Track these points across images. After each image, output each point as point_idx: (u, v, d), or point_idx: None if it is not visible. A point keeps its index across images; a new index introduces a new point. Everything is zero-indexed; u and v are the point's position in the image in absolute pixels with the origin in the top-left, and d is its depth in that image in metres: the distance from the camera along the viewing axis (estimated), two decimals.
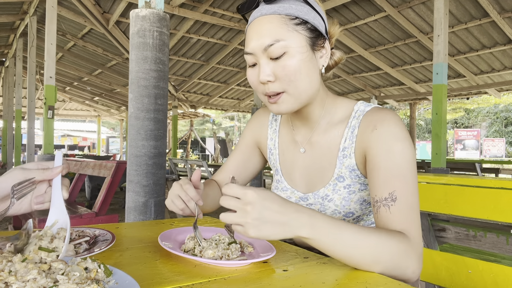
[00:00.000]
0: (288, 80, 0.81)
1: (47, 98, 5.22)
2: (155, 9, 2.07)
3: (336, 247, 0.68)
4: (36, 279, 0.47)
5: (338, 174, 0.90)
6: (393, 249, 0.70)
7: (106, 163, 3.13)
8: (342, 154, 0.90)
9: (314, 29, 0.83)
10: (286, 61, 0.80)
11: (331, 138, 0.92)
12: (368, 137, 0.84)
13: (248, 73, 0.86)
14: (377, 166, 0.81)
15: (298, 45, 0.80)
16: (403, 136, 0.81)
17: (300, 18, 0.81)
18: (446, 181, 1.21)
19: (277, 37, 0.79)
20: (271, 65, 0.81)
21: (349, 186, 0.90)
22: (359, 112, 0.90)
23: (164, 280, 0.62)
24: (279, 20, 0.80)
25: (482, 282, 1.11)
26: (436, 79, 4.32)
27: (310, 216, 0.67)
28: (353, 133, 0.88)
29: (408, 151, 0.80)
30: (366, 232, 0.70)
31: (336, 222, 0.69)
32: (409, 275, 0.72)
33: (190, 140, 16.60)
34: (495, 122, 24.05)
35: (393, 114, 0.85)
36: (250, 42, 0.82)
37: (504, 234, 1.11)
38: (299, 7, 0.81)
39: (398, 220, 0.76)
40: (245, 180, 1.14)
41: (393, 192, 0.77)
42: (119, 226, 1.03)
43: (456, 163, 6.31)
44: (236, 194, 0.65)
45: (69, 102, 16.32)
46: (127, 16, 6.79)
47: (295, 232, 0.66)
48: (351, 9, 6.56)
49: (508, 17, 6.01)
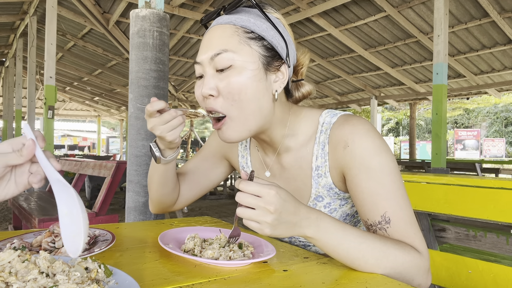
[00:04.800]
0: (232, 99, 0.74)
1: (47, 98, 5.22)
2: (155, 9, 2.07)
3: (339, 250, 0.68)
4: (37, 279, 0.47)
5: (316, 194, 0.86)
6: (398, 259, 0.69)
7: (106, 163, 3.13)
8: (316, 174, 0.84)
9: (271, 48, 0.76)
10: (231, 76, 0.73)
11: (301, 158, 0.86)
12: (341, 156, 0.79)
13: (195, 85, 0.80)
14: (359, 189, 0.76)
15: (247, 59, 0.73)
16: (378, 147, 0.76)
17: (255, 33, 0.75)
18: (446, 181, 1.21)
19: (225, 47, 0.73)
20: (216, 79, 0.75)
21: (329, 204, 0.86)
22: (325, 125, 0.84)
23: (164, 280, 0.62)
24: (232, 31, 0.75)
25: (482, 282, 1.11)
26: (436, 79, 4.32)
27: (318, 217, 0.68)
28: (323, 150, 0.83)
29: (387, 162, 0.76)
30: (372, 238, 0.70)
31: (342, 226, 0.69)
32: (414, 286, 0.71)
33: (190, 140, 16.60)
34: (495, 122, 24.05)
35: (363, 123, 0.79)
36: (200, 51, 0.78)
37: (504, 234, 1.11)
38: (258, 22, 0.76)
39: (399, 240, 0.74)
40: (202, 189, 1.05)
41: (385, 214, 0.74)
42: (119, 226, 1.03)
43: (456, 163, 6.30)
44: (258, 192, 0.62)
45: (69, 102, 16.32)
46: (127, 16, 6.78)
47: (302, 231, 0.67)
48: (351, 9, 6.56)
49: (508, 17, 6.01)
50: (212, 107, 0.76)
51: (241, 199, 0.63)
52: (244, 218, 0.64)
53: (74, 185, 3.68)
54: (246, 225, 0.65)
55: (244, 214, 0.63)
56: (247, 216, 0.63)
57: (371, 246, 0.68)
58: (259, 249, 0.78)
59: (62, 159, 4.16)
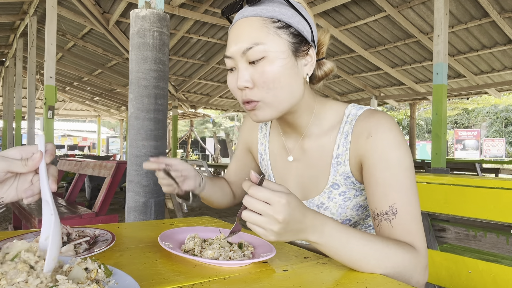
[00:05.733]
0: (267, 88, 0.77)
1: (47, 98, 5.22)
2: (155, 9, 2.07)
3: (342, 253, 0.68)
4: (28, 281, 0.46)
5: (333, 182, 0.87)
6: (398, 259, 0.70)
7: (106, 163, 3.13)
8: (336, 161, 0.87)
9: (298, 34, 0.79)
10: (264, 66, 0.76)
11: (323, 145, 0.89)
12: (363, 145, 0.81)
13: (228, 78, 0.83)
14: (374, 177, 0.78)
15: (278, 49, 0.76)
16: (398, 142, 0.79)
17: (282, 21, 0.77)
18: (446, 181, 1.21)
19: (256, 41, 0.75)
20: (250, 70, 0.77)
21: (344, 193, 0.87)
22: (351, 117, 0.86)
23: (164, 280, 0.62)
24: (260, 23, 0.76)
25: (482, 282, 1.11)
26: (436, 79, 4.32)
27: (323, 222, 0.68)
28: (346, 139, 0.85)
29: (405, 158, 0.78)
30: (374, 240, 0.70)
31: (346, 229, 0.69)
32: (413, 285, 0.72)
33: (190, 140, 16.59)
34: (495, 122, 24.05)
35: (387, 118, 0.82)
36: (229, 46, 0.79)
37: (504, 234, 1.11)
38: (283, 10, 0.78)
39: (401, 234, 0.75)
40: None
41: (393, 205, 0.76)
42: (119, 226, 1.03)
43: (456, 163, 6.30)
44: (267, 199, 0.60)
45: (69, 102, 16.32)
46: (127, 16, 6.78)
47: (306, 236, 0.67)
48: (351, 9, 6.56)
49: (508, 17, 6.01)
50: (249, 98, 0.79)
51: (250, 204, 0.61)
52: (250, 222, 0.62)
53: (74, 185, 3.68)
54: (250, 229, 0.64)
55: (250, 219, 0.62)
56: (253, 221, 0.62)
57: (373, 248, 0.69)
58: (259, 249, 0.78)
59: (62, 159, 4.16)
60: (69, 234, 0.80)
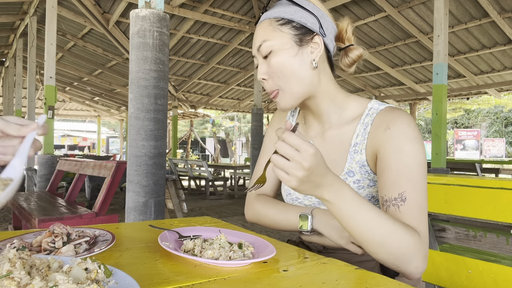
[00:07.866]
0: (277, 77, 0.88)
1: (47, 98, 5.22)
2: (155, 9, 2.07)
3: (351, 219, 0.72)
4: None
5: (348, 169, 0.91)
6: (403, 239, 0.73)
7: (106, 163, 3.13)
8: (353, 150, 0.91)
9: (301, 26, 0.88)
10: (272, 58, 0.88)
11: (343, 133, 0.94)
12: (381, 136, 0.86)
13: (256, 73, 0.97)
14: (387, 165, 0.82)
15: (281, 42, 0.87)
16: (414, 137, 0.83)
17: (285, 19, 0.88)
18: (446, 181, 1.21)
19: (264, 38, 0.88)
20: (264, 65, 0.90)
21: (359, 181, 0.91)
22: (373, 110, 0.92)
23: (164, 280, 0.62)
24: (267, 24, 0.90)
25: (482, 282, 1.11)
26: (436, 79, 4.32)
27: (340, 186, 0.72)
28: (365, 130, 0.90)
29: (419, 152, 0.82)
30: (383, 216, 0.73)
31: (360, 199, 0.73)
32: (411, 269, 0.74)
33: (190, 140, 16.60)
34: (495, 122, 24.05)
35: (406, 114, 0.87)
36: (252, 47, 0.94)
37: (504, 234, 1.11)
38: (287, 9, 0.89)
39: (407, 220, 0.78)
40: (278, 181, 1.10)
41: (403, 193, 0.79)
42: (119, 226, 1.03)
43: (456, 163, 6.31)
44: (297, 145, 0.64)
45: (69, 102, 16.31)
46: (127, 16, 6.78)
47: (321, 193, 0.70)
48: (351, 9, 6.56)
49: (508, 17, 6.01)
50: (268, 88, 0.91)
51: (280, 148, 0.65)
52: (277, 166, 0.66)
53: (74, 185, 3.68)
54: (275, 173, 0.66)
55: (278, 162, 0.65)
56: (280, 165, 0.65)
57: (382, 223, 0.72)
58: (259, 249, 0.78)
59: (62, 159, 4.16)
60: (69, 234, 0.80)
